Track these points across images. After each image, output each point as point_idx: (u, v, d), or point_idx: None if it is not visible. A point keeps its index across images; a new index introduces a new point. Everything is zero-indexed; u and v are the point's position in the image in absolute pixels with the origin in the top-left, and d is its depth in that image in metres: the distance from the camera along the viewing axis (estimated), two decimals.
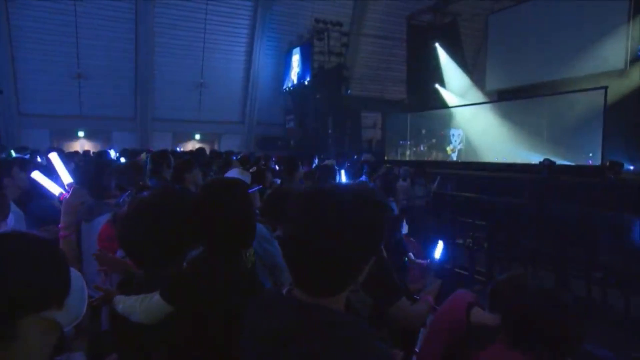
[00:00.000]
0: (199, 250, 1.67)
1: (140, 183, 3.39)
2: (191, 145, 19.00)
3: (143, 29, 17.74)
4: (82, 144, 18.08)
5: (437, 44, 17.05)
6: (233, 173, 3.16)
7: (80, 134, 18.69)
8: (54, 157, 2.33)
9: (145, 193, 1.57)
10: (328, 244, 0.92)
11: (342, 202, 0.96)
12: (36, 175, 2.08)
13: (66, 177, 2.16)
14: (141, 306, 1.42)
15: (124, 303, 1.47)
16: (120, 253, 1.85)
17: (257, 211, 2.47)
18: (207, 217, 1.55)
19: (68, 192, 2.05)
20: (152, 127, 19.42)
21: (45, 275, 0.90)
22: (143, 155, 7.10)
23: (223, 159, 7.72)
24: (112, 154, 8.71)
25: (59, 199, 2.07)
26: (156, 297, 1.42)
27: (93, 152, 11.65)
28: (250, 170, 4.12)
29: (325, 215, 0.94)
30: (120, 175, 3.20)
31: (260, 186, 3.30)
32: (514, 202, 6.43)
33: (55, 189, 2.08)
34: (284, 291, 1.06)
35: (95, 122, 18.43)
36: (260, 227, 2.42)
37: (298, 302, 0.99)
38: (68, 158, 6.86)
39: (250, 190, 2.71)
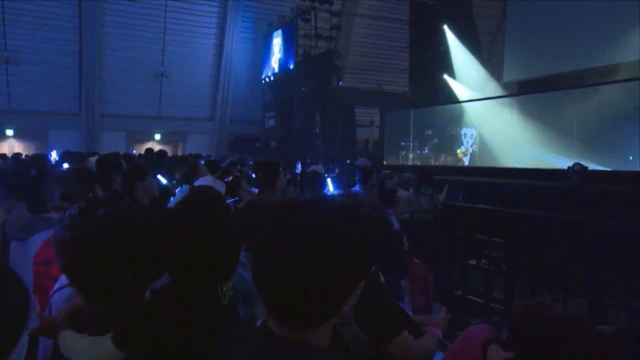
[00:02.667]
0: (164, 279, 1.63)
1: (90, 194, 3.33)
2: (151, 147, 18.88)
3: (88, 4, 17.61)
4: (11, 145, 17.85)
5: (445, 27, 17.19)
6: (204, 182, 3.14)
7: (9, 132, 18.47)
8: None
9: (100, 211, 1.54)
10: (307, 265, 0.92)
11: (324, 216, 0.97)
12: None
13: None
14: (88, 353, 1.39)
15: (71, 344, 1.43)
16: (61, 281, 1.81)
17: None
18: (182, 242, 1.54)
19: None
20: (101, 124, 19.26)
21: None
22: (92, 160, 7.03)
23: (190, 165, 7.64)
24: (54, 155, 8.59)
25: None
26: (107, 342, 1.39)
27: (26, 155, 11.50)
28: (225, 179, 4.15)
29: (304, 231, 0.94)
30: (65, 184, 3.16)
31: (237, 198, 3.29)
32: (538, 214, 6.47)
33: None
34: (259, 323, 1.06)
35: (27, 118, 18.17)
36: None
37: (273, 336, 0.99)
38: None
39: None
